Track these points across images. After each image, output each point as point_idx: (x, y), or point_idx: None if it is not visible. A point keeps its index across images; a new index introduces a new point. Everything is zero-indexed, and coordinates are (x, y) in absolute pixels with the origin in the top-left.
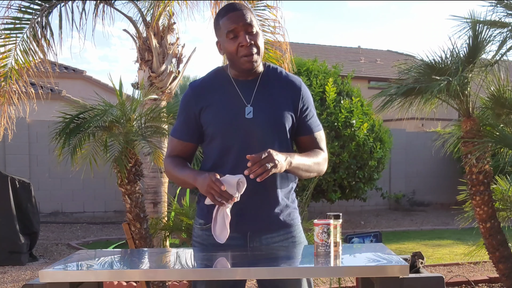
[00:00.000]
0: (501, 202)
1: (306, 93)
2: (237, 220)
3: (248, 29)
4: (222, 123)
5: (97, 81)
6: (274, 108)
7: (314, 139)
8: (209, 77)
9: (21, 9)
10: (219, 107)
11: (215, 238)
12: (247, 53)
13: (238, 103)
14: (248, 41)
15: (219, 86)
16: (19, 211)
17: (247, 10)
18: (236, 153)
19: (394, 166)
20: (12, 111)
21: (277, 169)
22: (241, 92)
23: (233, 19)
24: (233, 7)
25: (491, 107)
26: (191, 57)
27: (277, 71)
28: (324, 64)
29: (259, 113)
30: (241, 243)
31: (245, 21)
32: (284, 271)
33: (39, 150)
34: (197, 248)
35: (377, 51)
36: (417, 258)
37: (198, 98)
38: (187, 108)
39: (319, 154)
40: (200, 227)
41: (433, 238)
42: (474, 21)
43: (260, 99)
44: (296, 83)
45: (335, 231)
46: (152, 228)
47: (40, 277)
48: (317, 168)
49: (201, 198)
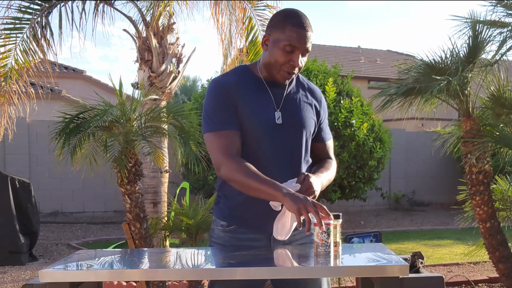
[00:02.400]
0: (501, 202)
1: (324, 102)
2: (263, 221)
3: (304, 53)
4: (255, 125)
5: (97, 81)
6: (302, 114)
7: (325, 147)
8: (237, 75)
9: (21, 9)
10: (253, 107)
11: (276, 235)
12: (290, 71)
13: (269, 106)
14: (299, 64)
15: (250, 85)
16: (19, 211)
17: (311, 30)
18: (264, 155)
19: (394, 166)
20: (12, 111)
21: (315, 199)
22: (273, 95)
23: (299, 38)
24: (304, 24)
25: (491, 107)
26: (191, 57)
27: (299, 78)
28: (324, 64)
29: (288, 118)
30: (264, 244)
31: (306, 46)
32: (284, 271)
33: (39, 150)
34: (217, 247)
35: (377, 51)
36: (417, 258)
37: (234, 90)
38: (226, 98)
39: (331, 165)
40: (222, 228)
41: (433, 238)
42: (474, 21)
43: (289, 104)
44: (317, 91)
45: (335, 231)
46: (152, 228)
47: (40, 277)
48: (332, 179)
49: (220, 200)
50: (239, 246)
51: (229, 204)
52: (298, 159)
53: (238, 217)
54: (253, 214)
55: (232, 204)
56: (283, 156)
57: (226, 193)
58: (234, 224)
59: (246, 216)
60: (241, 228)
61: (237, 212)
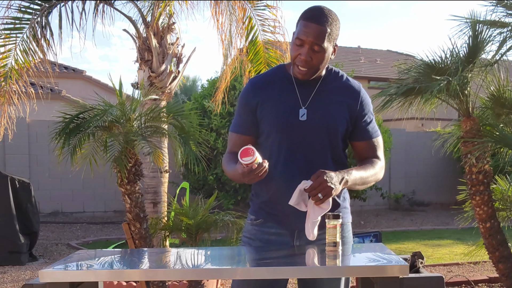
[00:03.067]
0: (501, 202)
1: (365, 99)
2: (286, 218)
3: (314, 47)
4: (276, 122)
5: (97, 81)
6: (329, 112)
7: (370, 145)
8: (270, 73)
9: (21, 9)
10: (276, 105)
11: (308, 235)
12: (301, 65)
13: (294, 103)
14: (305, 57)
15: (279, 83)
16: (19, 211)
17: (326, 25)
18: (289, 153)
19: (394, 166)
20: (12, 111)
21: (332, 195)
22: (300, 93)
23: (306, 30)
24: (314, 18)
25: (491, 107)
26: (191, 57)
27: (338, 75)
28: None
29: (313, 116)
30: (287, 240)
31: (314, 39)
32: (284, 271)
33: (39, 150)
34: (246, 244)
35: (377, 51)
36: (417, 258)
37: (256, 92)
38: (245, 102)
39: (375, 164)
40: (251, 222)
41: (433, 238)
42: (474, 21)
43: (316, 102)
44: (355, 87)
45: (335, 231)
46: (152, 228)
47: (40, 277)
48: (374, 178)
49: (252, 197)
50: (263, 240)
51: (258, 201)
52: (322, 157)
53: (266, 212)
54: (280, 211)
55: (260, 200)
56: (305, 153)
57: (255, 190)
58: (261, 218)
59: (273, 211)
60: (268, 223)
61: (265, 208)
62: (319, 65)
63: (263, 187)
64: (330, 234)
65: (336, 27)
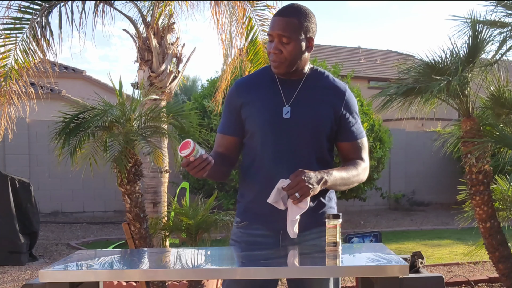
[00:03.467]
0: (501, 202)
1: (350, 99)
2: (270, 218)
3: (282, 39)
4: (261, 120)
5: (97, 81)
6: (313, 110)
7: (355, 147)
8: (255, 75)
9: (21, 9)
10: (260, 104)
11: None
12: (273, 59)
13: (278, 102)
14: (274, 50)
15: (263, 83)
16: (19, 211)
17: (293, 16)
18: (273, 151)
19: (394, 166)
20: (12, 111)
21: (310, 194)
22: (283, 92)
23: (272, 25)
24: (280, 12)
25: (491, 107)
26: (191, 57)
27: (323, 75)
28: (324, 64)
29: (297, 113)
30: (273, 241)
31: (279, 31)
32: (284, 271)
33: (39, 150)
34: (232, 247)
35: (377, 51)
36: (417, 258)
37: (240, 93)
38: (229, 103)
39: (358, 166)
40: (237, 224)
41: (433, 238)
42: (474, 21)
43: (300, 100)
44: (340, 87)
45: (335, 231)
46: (152, 228)
47: (40, 277)
48: (356, 179)
49: (238, 198)
50: (249, 242)
51: (244, 201)
52: (307, 156)
53: (250, 213)
54: (263, 212)
55: (246, 200)
56: (289, 151)
57: (241, 190)
58: (246, 220)
59: (257, 213)
60: (253, 225)
61: (249, 209)
62: (290, 57)
63: (249, 186)
64: (330, 234)
65: (307, 20)
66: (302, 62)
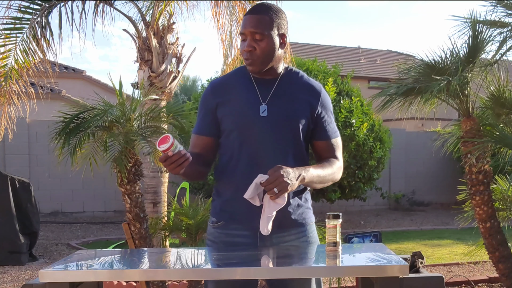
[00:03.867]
0: (501, 202)
1: (325, 99)
2: (248, 218)
3: (254, 36)
4: (238, 119)
5: (97, 80)
6: (290, 107)
7: (329, 146)
8: (230, 75)
9: (21, 9)
10: (236, 103)
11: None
12: (246, 57)
13: (254, 100)
14: (247, 47)
15: (238, 83)
16: (19, 211)
17: (264, 13)
18: (250, 149)
19: (394, 166)
20: (12, 111)
21: (288, 190)
22: (259, 90)
23: (244, 23)
24: (251, 10)
25: (491, 107)
26: (191, 57)
27: (298, 75)
28: (324, 64)
29: (274, 111)
30: (251, 241)
31: (252, 28)
32: (284, 271)
33: (39, 150)
34: (209, 247)
35: (377, 51)
36: (417, 258)
37: (216, 94)
38: (205, 104)
39: (333, 164)
40: (213, 225)
41: (433, 238)
42: (474, 21)
43: (276, 98)
44: (316, 87)
45: (335, 231)
46: (152, 228)
47: (40, 277)
48: (331, 178)
49: (214, 197)
50: (227, 242)
51: (220, 200)
52: (284, 154)
53: (227, 213)
54: (240, 211)
55: (222, 200)
56: (267, 149)
57: (217, 188)
58: (222, 220)
59: (234, 212)
60: (229, 225)
61: (226, 208)
62: (264, 54)
63: (225, 185)
64: (330, 234)
65: (278, 17)
66: (276, 60)
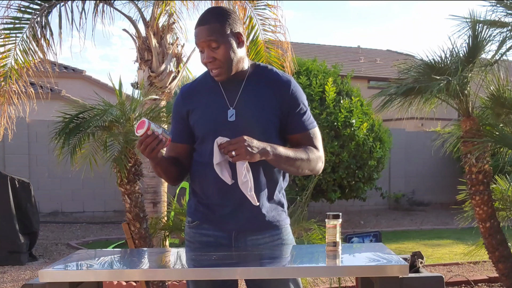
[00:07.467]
0: (501, 201)
1: (296, 90)
2: (222, 219)
3: (210, 45)
4: (208, 126)
5: (97, 80)
6: (258, 109)
7: (306, 137)
8: (198, 80)
9: (20, 9)
10: (204, 110)
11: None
12: (211, 67)
13: (222, 105)
14: (208, 59)
15: (206, 88)
16: (19, 211)
17: (211, 21)
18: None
19: (394, 165)
20: (12, 111)
21: (246, 157)
22: (226, 95)
23: (196, 36)
24: (199, 21)
25: (491, 106)
26: (190, 57)
27: (266, 69)
28: (323, 64)
29: (242, 115)
30: (226, 242)
31: (205, 38)
32: (284, 271)
33: (39, 150)
34: (187, 247)
35: (377, 51)
36: (416, 258)
37: (186, 101)
38: (176, 111)
39: (309, 152)
40: (188, 225)
41: (433, 237)
42: (474, 21)
43: (244, 101)
44: (284, 79)
45: (335, 231)
46: (152, 228)
47: (39, 276)
48: (306, 165)
49: (191, 196)
50: (202, 242)
51: (195, 200)
52: None
53: (200, 212)
54: (216, 212)
55: (197, 199)
56: None
57: (192, 189)
58: (197, 220)
59: (208, 212)
60: (204, 224)
61: (200, 208)
62: (225, 59)
63: (198, 186)
64: (330, 234)
65: (228, 18)
66: (239, 61)
